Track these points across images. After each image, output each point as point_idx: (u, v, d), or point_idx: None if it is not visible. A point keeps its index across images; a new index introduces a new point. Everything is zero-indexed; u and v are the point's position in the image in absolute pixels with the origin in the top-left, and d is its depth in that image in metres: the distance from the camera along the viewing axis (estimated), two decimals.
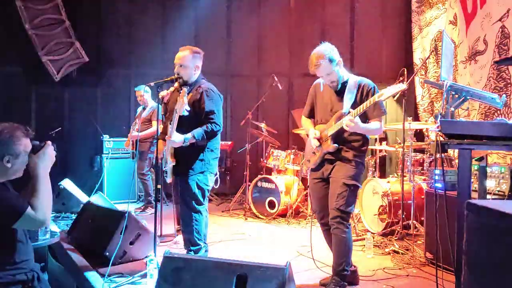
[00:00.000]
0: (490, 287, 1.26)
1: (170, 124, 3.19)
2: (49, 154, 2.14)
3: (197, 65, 3.33)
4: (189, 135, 3.14)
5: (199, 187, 3.26)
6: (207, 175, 3.31)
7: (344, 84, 3.01)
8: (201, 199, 3.28)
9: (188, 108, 3.12)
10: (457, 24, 5.55)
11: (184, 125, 3.16)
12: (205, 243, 3.33)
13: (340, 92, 3.02)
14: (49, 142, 2.16)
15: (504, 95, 2.35)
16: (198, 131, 3.17)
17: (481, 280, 1.31)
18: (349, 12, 7.28)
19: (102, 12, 7.03)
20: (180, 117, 3.12)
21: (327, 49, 2.95)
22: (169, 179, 3.34)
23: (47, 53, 6.29)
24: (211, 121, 3.21)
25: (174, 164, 3.25)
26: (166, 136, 3.22)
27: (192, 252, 3.24)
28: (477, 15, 5.10)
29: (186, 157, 3.26)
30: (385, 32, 7.19)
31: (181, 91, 3.10)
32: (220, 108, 3.34)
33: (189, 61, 3.30)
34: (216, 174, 3.43)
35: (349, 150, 2.99)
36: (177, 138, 3.13)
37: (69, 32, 6.43)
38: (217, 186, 3.48)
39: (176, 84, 3.41)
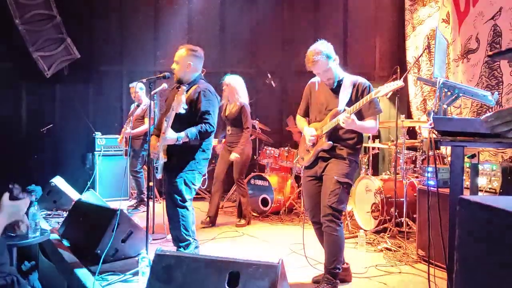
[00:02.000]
0: (482, 283, 1.26)
1: (165, 120, 3.19)
2: (16, 212, 2.01)
3: (189, 63, 3.32)
4: (182, 134, 3.14)
5: (186, 184, 3.26)
6: (195, 174, 3.31)
7: (340, 83, 3.02)
8: (186, 196, 3.26)
9: (186, 106, 3.11)
10: (450, 23, 5.57)
11: (178, 124, 3.15)
12: (194, 239, 3.32)
13: (335, 91, 3.03)
14: (28, 201, 2.06)
15: (496, 93, 2.36)
16: (192, 131, 3.17)
17: (473, 276, 1.31)
18: (343, 10, 7.28)
19: (94, 7, 6.96)
20: (176, 115, 3.12)
21: (324, 46, 2.96)
22: (159, 175, 3.33)
23: (38, 49, 6.22)
24: (206, 121, 3.22)
25: (165, 160, 3.24)
26: (161, 133, 3.21)
27: (182, 249, 3.23)
28: (470, 14, 5.12)
29: (177, 155, 3.26)
30: (379, 30, 7.20)
31: (180, 89, 3.10)
32: (216, 110, 3.35)
33: (181, 58, 3.33)
34: (204, 175, 3.45)
35: (343, 148, 3.00)
36: (171, 136, 3.12)
37: (60, 28, 6.36)
38: (204, 187, 3.49)
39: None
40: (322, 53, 2.91)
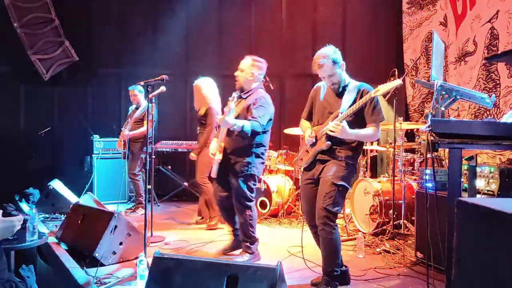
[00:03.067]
0: (481, 285, 1.26)
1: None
2: (9, 227, 2.04)
3: (253, 72, 3.57)
4: (240, 122, 3.33)
5: (248, 187, 3.54)
6: (253, 177, 3.57)
7: (345, 88, 3.04)
8: (251, 197, 3.58)
9: (234, 112, 3.38)
10: (447, 26, 5.59)
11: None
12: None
13: (340, 95, 3.04)
14: (21, 218, 2.09)
15: (494, 95, 2.36)
16: (247, 125, 3.35)
17: (471, 278, 1.31)
18: (341, 13, 7.29)
19: (92, 10, 6.96)
20: None
21: (331, 50, 2.98)
22: (214, 174, 3.58)
23: (36, 52, 6.21)
24: (256, 120, 3.43)
25: (220, 159, 3.49)
26: (219, 118, 3.49)
27: (248, 243, 3.61)
28: (467, 17, 5.15)
29: (235, 158, 3.52)
30: (376, 33, 7.22)
31: (232, 97, 3.41)
32: (268, 115, 3.53)
33: (246, 66, 3.60)
34: (259, 179, 3.75)
35: (342, 150, 2.99)
36: (230, 119, 3.31)
37: (58, 31, 6.36)
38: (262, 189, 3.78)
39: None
40: (329, 58, 2.93)
